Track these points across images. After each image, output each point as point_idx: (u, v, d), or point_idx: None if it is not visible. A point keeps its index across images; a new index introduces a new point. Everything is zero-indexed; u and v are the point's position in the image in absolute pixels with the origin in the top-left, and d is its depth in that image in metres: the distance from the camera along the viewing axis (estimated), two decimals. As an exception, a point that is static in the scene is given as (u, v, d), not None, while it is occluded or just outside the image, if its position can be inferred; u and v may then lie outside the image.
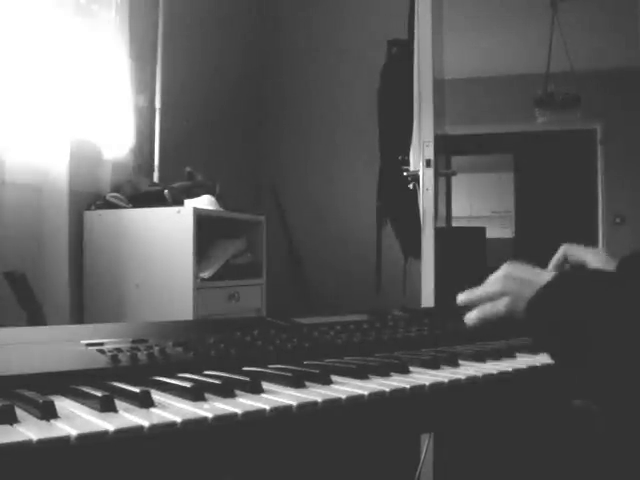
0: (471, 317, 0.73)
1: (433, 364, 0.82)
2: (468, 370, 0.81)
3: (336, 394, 0.65)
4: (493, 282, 0.76)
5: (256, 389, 0.65)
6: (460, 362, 0.84)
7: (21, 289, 1.78)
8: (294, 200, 3.54)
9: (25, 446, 0.46)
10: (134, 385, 0.62)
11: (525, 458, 1.23)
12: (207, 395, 0.62)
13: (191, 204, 2.27)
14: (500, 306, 0.72)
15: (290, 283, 3.48)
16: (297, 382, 0.69)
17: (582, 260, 0.91)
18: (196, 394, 0.61)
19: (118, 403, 0.57)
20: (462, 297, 0.80)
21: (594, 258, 0.89)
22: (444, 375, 0.77)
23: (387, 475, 1.88)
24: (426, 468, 2.00)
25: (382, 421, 0.70)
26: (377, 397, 0.67)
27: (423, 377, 0.75)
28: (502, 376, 0.79)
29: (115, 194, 2.37)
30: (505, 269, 0.76)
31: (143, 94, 2.72)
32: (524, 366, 0.82)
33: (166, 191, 2.34)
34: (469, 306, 0.79)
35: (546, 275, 0.71)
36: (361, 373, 0.74)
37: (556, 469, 1.11)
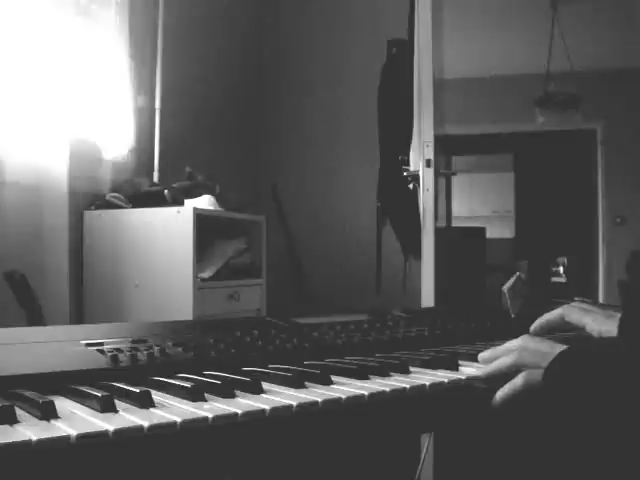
0: (496, 401, 0.79)
1: (433, 364, 0.82)
2: (468, 370, 0.81)
3: (336, 394, 0.65)
4: (509, 351, 0.81)
5: (256, 389, 0.65)
6: (460, 362, 0.84)
7: (21, 289, 1.78)
8: (294, 200, 3.54)
9: (25, 446, 0.46)
10: (134, 385, 0.62)
11: (526, 458, 1.23)
12: (207, 395, 0.62)
13: (191, 204, 2.27)
14: (518, 381, 0.77)
15: (290, 283, 3.48)
16: (297, 382, 0.69)
17: (582, 324, 0.94)
18: (196, 394, 0.61)
19: (118, 403, 0.57)
20: (484, 355, 0.85)
21: (593, 322, 0.92)
22: (444, 375, 0.77)
23: (387, 475, 1.87)
24: (426, 468, 2.00)
25: (382, 421, 0.70)
26: (377, 397, 0.67)
27: (423, 377, 0.75)
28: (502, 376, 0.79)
29: (115, 194, 2.37)
30: (521, 341, 0.81)
31: (143, 94, 2.72)
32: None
33: (166, 191, 2.34)
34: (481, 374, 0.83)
35: (559, 347, 0.77)
36: (361, 373, 0.74)
37: (557, 469, 1.11)
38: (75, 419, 0.53)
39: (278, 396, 0.64)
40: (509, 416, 0.82)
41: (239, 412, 0.57)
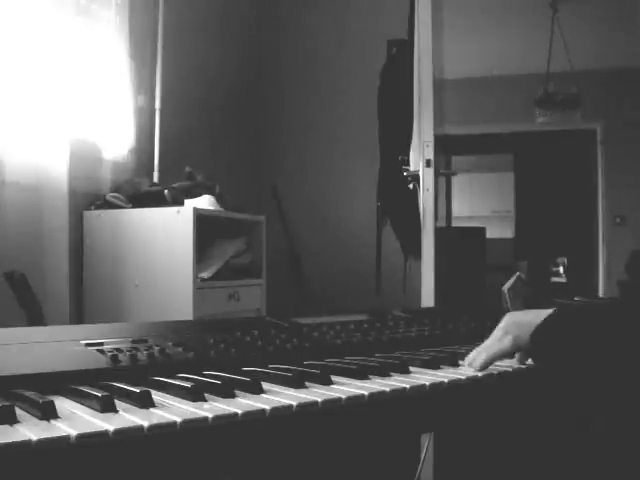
0: (479, 362, 0.77)
1: (433, 364, 0.82)
2: (468, 370, 0.81)
3: (336, 394, 0.65)
4: (495, 331, 0.81)
5: (256, 389, 0.65)
6: (460, 362, 0.84)
7: (21, 289, 1.78)
8: (294, 200, 3.54)
9: (25, 446, 0.46)
10: (134, 385, 0.62)
11: (525, 458, 1.23)
12: (207, 395, 0.62)
13: (191, 204, 2.27)
14: (506, 342, 0.77)
15: (290, 283, 3.48)
16: (297, 382, 0.69)
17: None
18: (196, 394, 0.61)
19: (118, 403, 0.57)
20: (469, 356, 0.84)
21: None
22: (444, 375, 0.77)
23: (387, 475, 1.87)
24: (426, 468, 2.00)
25: (382, 421, 0.70)
26: (377, 397, 0.67)
27: (423, 377, 0.75)
28: (502, 376, 0.79)
29: (115, 194, 2.37)
30: (505, 319, 0.81)
31: (143, 94, 2.72)
32: (523, 366, 0.82)
33: (166, 191, 2.34)
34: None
35: (545, 312, 0.77)
36: (361, 373, 0.74)
37: (556, 469, 1.11)
38: (75, 419, 0.53)
39: (278, 396, 0.64)
40: (510, 416, 0.82)
41: (239, 412, 0.57)
